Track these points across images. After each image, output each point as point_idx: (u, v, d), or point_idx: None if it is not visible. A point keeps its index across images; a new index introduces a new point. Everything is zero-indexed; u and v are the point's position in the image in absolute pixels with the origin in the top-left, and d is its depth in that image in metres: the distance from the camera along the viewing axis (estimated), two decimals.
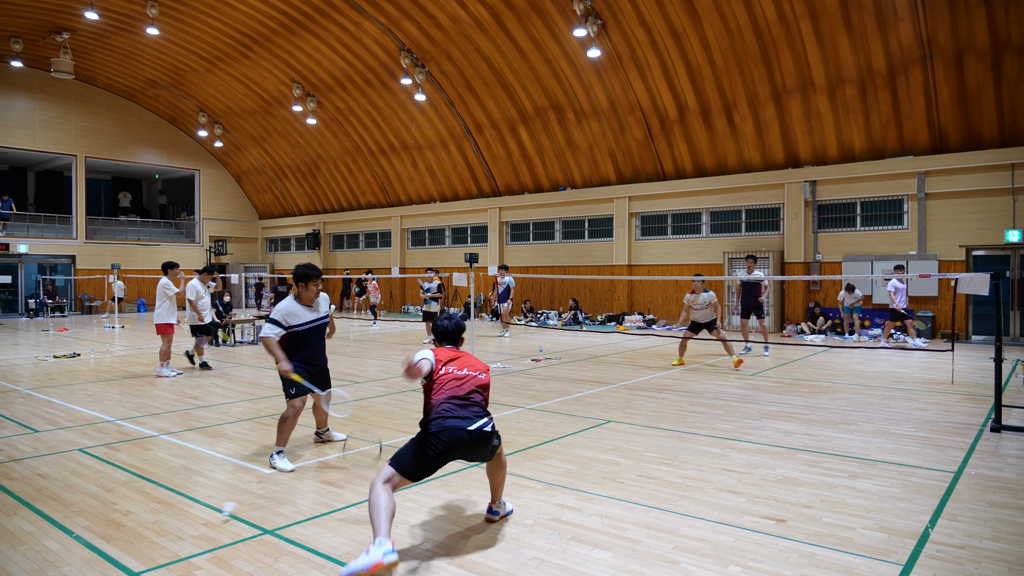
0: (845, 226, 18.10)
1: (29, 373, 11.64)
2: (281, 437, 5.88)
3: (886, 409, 8.18)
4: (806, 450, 6.30)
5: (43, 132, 29.10)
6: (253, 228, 36.46)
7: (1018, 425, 7.10)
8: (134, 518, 4.66)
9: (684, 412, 8.06)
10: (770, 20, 16.55)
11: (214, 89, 29.05)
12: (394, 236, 29.13)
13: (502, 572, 3.82)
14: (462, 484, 5.36)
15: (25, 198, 32.51)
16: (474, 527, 4.47)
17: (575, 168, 22.87)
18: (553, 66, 20.52)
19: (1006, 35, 14.60)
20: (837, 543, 4.16)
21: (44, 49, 26.07)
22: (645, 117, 20.20)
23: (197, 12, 23.28)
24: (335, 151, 29.30)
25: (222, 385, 10.32)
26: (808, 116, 17.77)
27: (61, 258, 30.10)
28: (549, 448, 6.43)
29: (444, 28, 20.95)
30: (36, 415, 8.11)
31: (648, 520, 4.56)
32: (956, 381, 10.15)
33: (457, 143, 25.06)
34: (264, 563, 3.95)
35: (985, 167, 15.71)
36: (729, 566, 3.86)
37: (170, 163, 33.23)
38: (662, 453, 6.22)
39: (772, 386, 9.92)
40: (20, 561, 4.00)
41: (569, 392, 9.42)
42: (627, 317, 21.09)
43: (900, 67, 15.94)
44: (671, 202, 20.94)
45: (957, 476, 5.49)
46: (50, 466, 5.94)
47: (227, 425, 7.56)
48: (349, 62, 24.16)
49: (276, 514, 4.73)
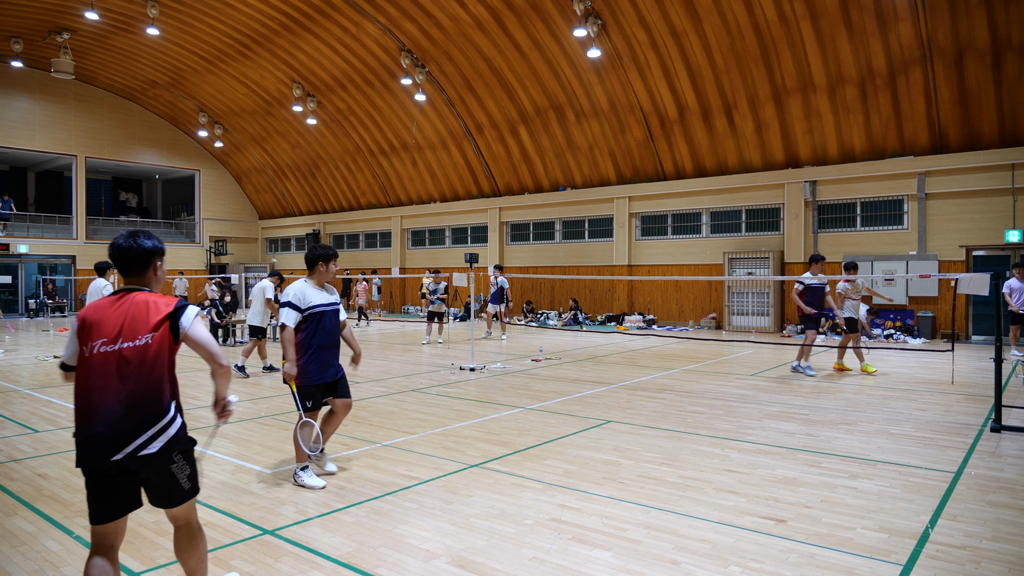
0: (845, 226, 18.10)
1: (29, 373, 11.64)
2: (302, 453, 5.37)
3: (886, 409, 8.18)
4: (806, 450, 6.30)
5: (43, 132, 29.10)
6: (253, 228, 36.46)
7: (1018, 425, 7.09)
8: (134, 518, 4.65)
9: (684, 412, 8.06)
10: (770, 20, 16.55)
11: (214, 89, 29.06)
12: (394, 236, 29.13)
13: (502, 572, 3.81)
14: (462, 484, 5.37)
15: (25, 198, 32.51)
16: (474, 527, 4.47)
17: (575, 168, 22.87)
18: (553, 66, 20.52)
19: (1006, 35, 14.60)
20: (837, 543, 4.16)
21: (44, 49, 26.07)
22: (645, 117, 20.20)
23: (197, 12, 23.28)
24: (335, 151, 29.31)
25: None
26: (808, 116, 17.77)
27: (61, 258, 30.11)
28: (549, 448, 6.43)
29: (444, 28, 20.95)
30: (36, 415, 8.11)
31: (648, 520, 4.56)
32: (956, 381, 10.15)
33: (457, 143, 25.06)
34: (264, 563, 3.95)
35: (985, 167, 15.71)
36: (729, 566, 3.86)
37: (170, 163, 33.23)
38: (662, 453, 6.22)
39: (772, 386, 9.91)
40: (20, 561, 4.00)
41: (569, 392, 9.42)
42: (627, 317, 21.09)
43: (900, 67, 15.94)
44: (671, 202, 20.94)
45: (957, 476, 5.49)
46: (50, 466, 5.93)
47: (227, 425, 7.56)
48: (349, 62, 24.16)
49: (276, 514, 4.73)
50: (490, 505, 4.87)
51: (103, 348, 3.10)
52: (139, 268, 3.30)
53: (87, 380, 3.11)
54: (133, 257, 3.27)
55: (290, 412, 8.24)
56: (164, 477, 3.17)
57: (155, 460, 3.10)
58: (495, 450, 6.40)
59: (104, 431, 3.04)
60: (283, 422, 7.71)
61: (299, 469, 5.41)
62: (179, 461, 3.20)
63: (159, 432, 3.10)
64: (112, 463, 3.04)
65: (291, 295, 5.40)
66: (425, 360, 13.15)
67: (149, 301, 3.19)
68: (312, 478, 5.36)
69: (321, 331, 5.42)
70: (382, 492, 5.17)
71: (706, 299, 20.37)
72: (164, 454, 3.12)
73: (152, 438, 3.09)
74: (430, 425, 7.45)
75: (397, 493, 5.16)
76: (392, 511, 4.77)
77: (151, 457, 3.08)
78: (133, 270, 3.31)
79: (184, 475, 3.23)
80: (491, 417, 7.87)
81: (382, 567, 3.89)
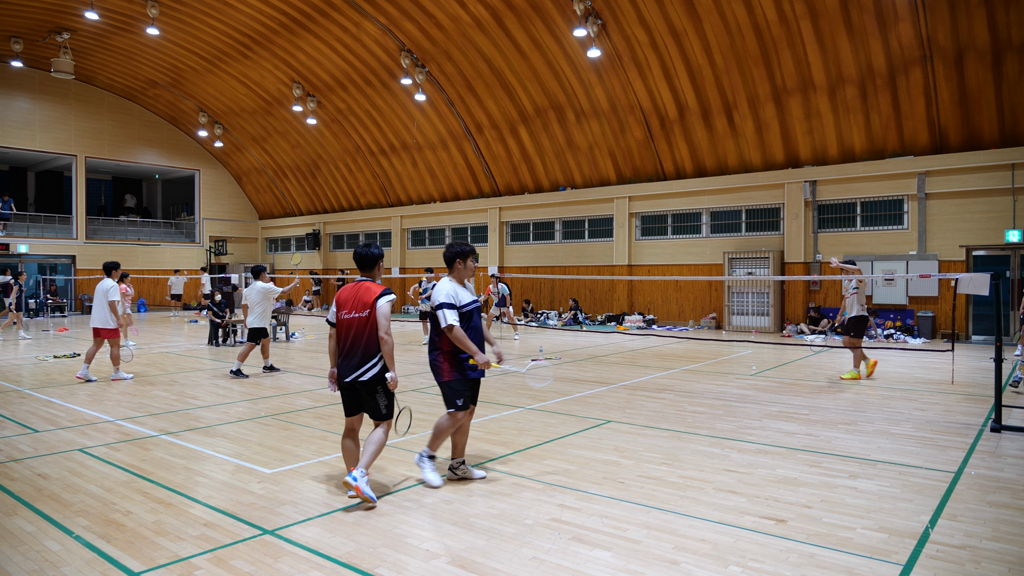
0: (845, 226, 18.10)
1: (29, 373, 11.65)
2: (435, 442, 5.35)
3: (886, 409, 8.18)
4: (806, 450, 6.30)
5: (43, 132, 29.09)
6: (253, 228, 36.45)
7: (1018, 425, 7.09)
8: (134, 518, 4.65)
9: (684, 412, 8.06)
10: (770, 20, 16.55)
11: (214, 89, 29.05)
12: (394, 236, 29.13)
13: (502, 572, 3.81)
14: (462, 484, 5.37)
15: (25, 198, 32.51)
16: (474, 527, 4.47)
17: (575, 168, 22.87)
18: (553, 66, 20.52)
19: (1006, 35, 14.60)
20: (837, 543, 4.16)
21: (44, 49, 26.07)
22: (645, 117, 20.20)
23: (197, 12, 23.28)
24: (335, 151, 29.30)
25: (222, 385, 10.32)
26: (808, 116, 17.77)
27: (61, 258, 30.10)
28: (549, 448, 6.43)
29: (444, 28, 20.95)
30: (36, 415, 8.11)
31: (648, 520, 4.56)
32: (956, 381, 10.15)
33: (457, 143, 25.06)
34: (264, 563, 3.95)
35: (985, 167, 15.71)
36: (729, 566, 3.86)
37: (170, 163, 33.23)
38: (662, 453, 6.22)
39: (772, 386, 9.91)
40: (20, 561, 4.00)
41: (569, 392, 9.42)
42: (627, 317, 21.09)
43: (900, 67, 15.94)
44: (671, 202, 20.94)
45: (957, 476, 5.49)
46: (50, 466, 5.93)
47: (227, 425, 7.56)
48: (349, 62, 24.16)
49: (276, 514, 4.73)
50: (490, 505, 4.87)
51: (345, 315, 5.05)
52: (368, 266, 5.23)
53: (339, 333, 5.07)
54: (366, 259, 5.21)
55: (289, 412, 8.24)
56: (370, 398, 5.00)
57: (366, 385, 4.97)
58: (495, 450, 6.40)
59: (343, 364, 5.02)
60: (283, 422, 7.71)
61: (426, 456, 5.40)
62: (380, 391, 5.00)
63: (369, 368, 4.95)
64: (346, 383, 5.02)
65: (445, 295, 5.25)
66: (425, 360, 13.14)
67: (371, 287, 5.07)
68: (432, 472, 5.33)
69: (472, 329, 5.37)
70: (382, 492, 5.17)
71: (706, 299, 20.37)
72: (371, 383, 4.97)
73: (365, 371, 4.95)
74: (430, 425, 7.42)
75: (397, 493, 5.16)
76: (392, 511, 4.77)
77: (364, 383, 4.96)
78: (365, 268, 5.24)
79: (382, 403, 5.01)
80: (491, 417, 7.87)
81: (382, 567, 3.89)
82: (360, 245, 5.16)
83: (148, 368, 12.13)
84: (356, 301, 5.00)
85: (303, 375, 11.35)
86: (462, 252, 5.46)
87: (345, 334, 5.00)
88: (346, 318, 5.01)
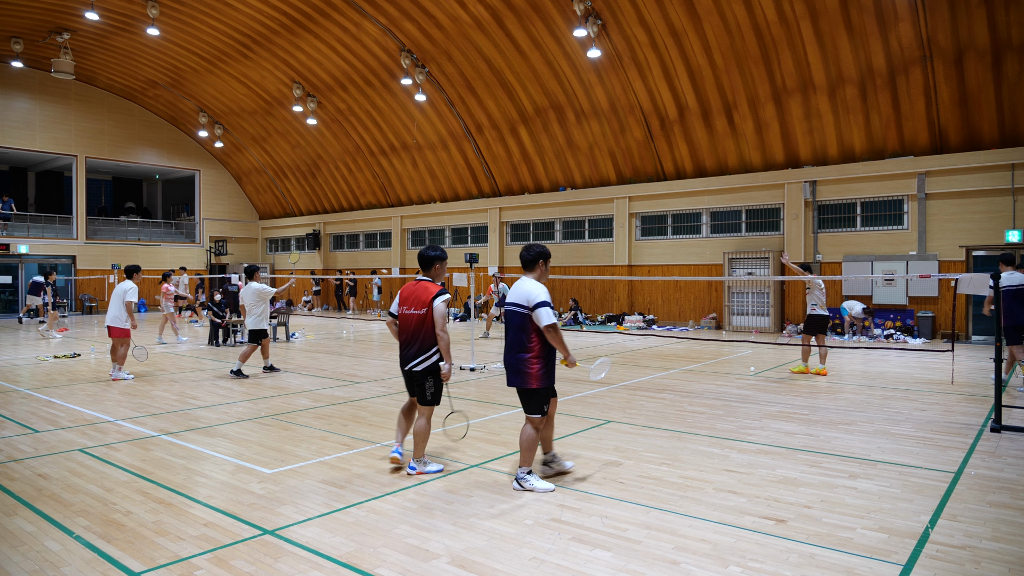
0: (845, 226, 18.09)
1: (29, 373, 11.65)
2: (529, 456, 5.24)
3: (886, 409, 8.18)
4: (806, 450, 6.30)
5: (43, 132, 29.09)
6: (253, 228, 36.45)
7: (1018, 425, 7.09)
8: (134, 518, 4.66)
9: (684, 412, 8.06)
10: (770, 20, 16.55)
11: (214, 89, 29.05)
12: (394, 236, 29.13)
13: (502, 572, 3.82)
14: (462, 484, 5.37)
15: (25, 198, 32.50)
16: (474, 527, 4.47)
17: (575, 168, 22.87)
18: (553, 66, 20.52)
19: (1006, 35, 14.60)
20: (837, 543, 4.16)
21: (44, 49, 26.07)
22: (645, 117, 20.20)
23: (197, 12, 23.28)
24: (335, 151, 29.30)
25: (222, 385, 10.32)
26: (808, 116, 17.77)
27: (61, 258, 30.09)
28: None
29: (444, 28, 20.95)
30: (36, 415, 8.11)
31: (648, 520, 4.56)
32: (956, 381, 10.15)
33: (457, 143, 25.06)
34: (264, 563, 3.95)
35: (985, 167, 15.71)
36: (729, 566, 3.86)
37: (170, 163, 33.22)
38: (662, 453, 6.22)
39: (772, 386, 9.92)
40: (20, 561, 4.00)
41: (569, 392, 9.42)
42: (627, 317, 21.08)
43: (900, 67, 15.94)
44: (671, 202, 20.94)
45: (957, 476, 5.49)
46: (50, 466, 5.94)
47: (227, 425, 7.56)
48: (349, 62, 24.16)
49: (276, 514, 4.73)
50: (490, 505, 4.87)
51: (405, 311, 5.61)
52: (427, 267, 5.68)
53: (400, 326, 5.66)
54: (426, 260, 5.67)
55: (289, 412, 8.24)
56: (420, 384, 5.56)
57: (418, 375, 5.55)
58: (495, 450, 6.40)
59: (403, 354, 5.64)
60: (283, 422, 7.71)
61: (526, 473, 5.24)
62: (430, 381, 5.54)
63: (424, 360, 5.51)
64: (404, 371, 5.64)
65: (543, 294, 5.23)
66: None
67: (428, 287, 5.56)
68: (540, 482, 5.23)
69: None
70: (382, 492, 5.17)
71: (706, 299, 20.37)
72: (423, 373, 5.53)
73: (421, 362, 5.51)
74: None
75: (397, 493, 5.16)
76: (392, 511, 4.77)
77: (417, 373, 5.54)
78: (425, 268, 5.70)
79: (429, 391, 5.55)
80: (491, 417, 7.87)
81: (382, 567, 3.89)
82: (425, 247, 5.63)
83: (149, 368, 12.13)
84: (415, 299, 5.52)
85: (303, 375, 11.35)
86: (546, 253, 5.53)
87: (404, 327, 5.59)
88: (406, 313, 5.57)
